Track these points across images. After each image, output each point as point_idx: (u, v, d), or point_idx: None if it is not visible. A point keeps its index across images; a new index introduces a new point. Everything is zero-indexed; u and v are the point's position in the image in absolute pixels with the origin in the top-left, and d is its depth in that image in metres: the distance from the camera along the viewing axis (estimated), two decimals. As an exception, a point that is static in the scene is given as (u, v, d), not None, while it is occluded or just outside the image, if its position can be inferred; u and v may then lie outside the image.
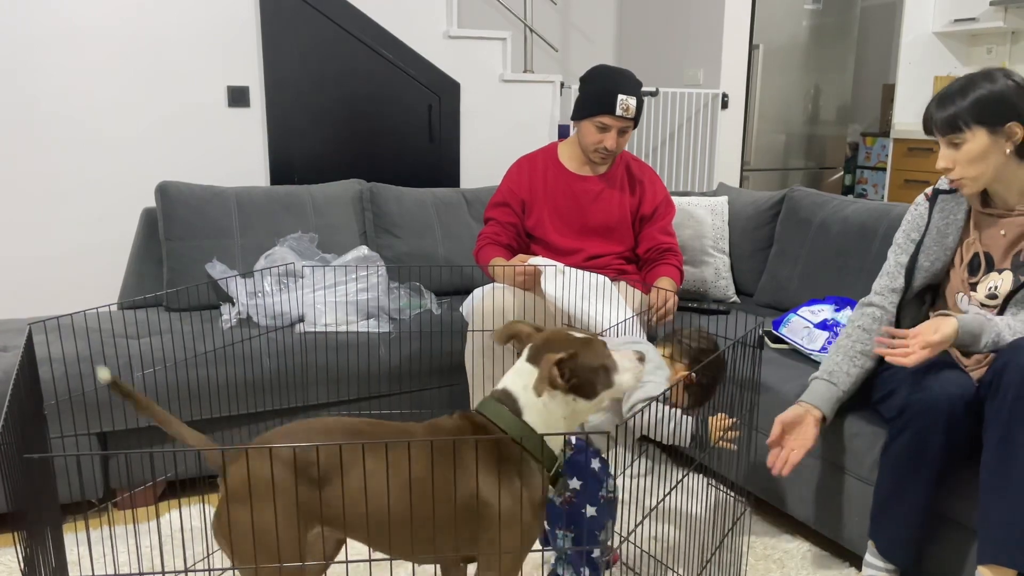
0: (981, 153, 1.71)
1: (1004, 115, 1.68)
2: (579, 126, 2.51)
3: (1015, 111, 1.68)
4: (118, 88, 3.04)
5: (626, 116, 2.42)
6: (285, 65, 3.24)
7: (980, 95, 1.69)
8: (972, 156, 1.71)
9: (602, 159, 2.53)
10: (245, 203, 2.81)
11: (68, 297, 3.08)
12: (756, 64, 4.69)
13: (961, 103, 1.70)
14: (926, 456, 1.68)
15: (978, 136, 1.70)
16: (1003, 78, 1.70)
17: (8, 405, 1.13)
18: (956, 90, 1.73)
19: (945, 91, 1.75)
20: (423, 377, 2.51)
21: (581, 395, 1.40)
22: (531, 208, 2.58)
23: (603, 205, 2.57)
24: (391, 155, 3.49)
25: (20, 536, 1.05)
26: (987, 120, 1.69)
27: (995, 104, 1.68)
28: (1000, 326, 1.67)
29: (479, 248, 2.55)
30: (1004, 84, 1.69)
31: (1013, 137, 1.69)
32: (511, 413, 1.39)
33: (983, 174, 1.73)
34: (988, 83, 1.70)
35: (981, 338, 1.65)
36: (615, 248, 2.60)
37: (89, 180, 3.06)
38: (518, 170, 2.62)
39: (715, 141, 4.53)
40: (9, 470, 1.05)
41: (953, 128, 1.72)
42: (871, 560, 1.82)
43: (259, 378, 2.30)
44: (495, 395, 1.43)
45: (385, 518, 1.31)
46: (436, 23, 3.49)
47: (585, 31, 5.16)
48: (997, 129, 1.69)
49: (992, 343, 1.66)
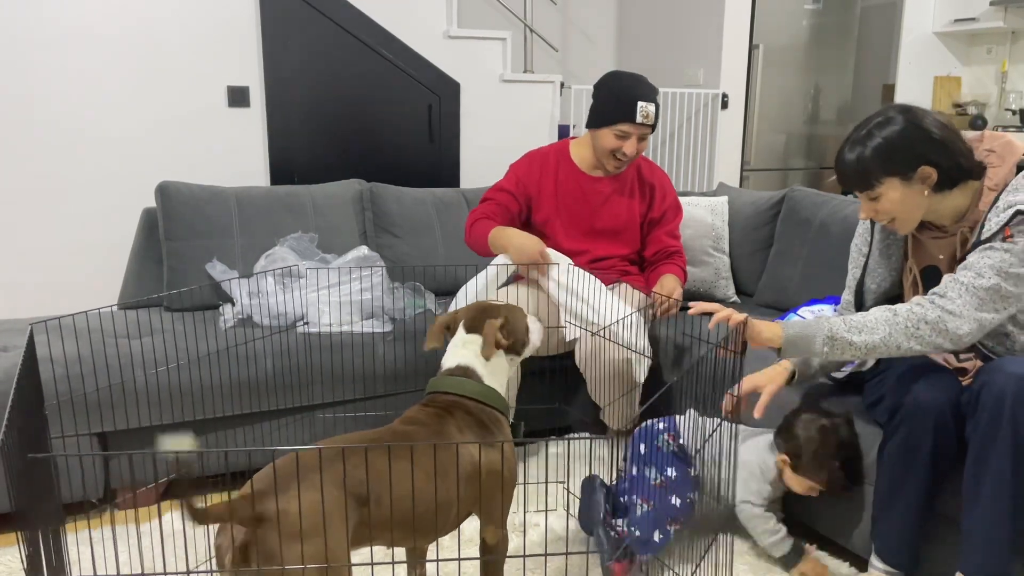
0: (900, 201, 1.65)
1: (910, 161, 1.61)
2: (596, 133, 2.48)
3: (920, 154, 1.61)
4: (118, 88, 3.04)
5: (646, 123, 2.41)
6: (285, 65, 3.24)
7: (879, 145, 1.62)
8: (894, 205, 1.66)
9: (617, 167, 2.50)
10: (245, 203, 2.81)
11: (68, 297, 3.08)
12: (756, 64, 4.69)
13: (864, 156, 1.64)
14: (918, 457, 1.69)
15: (892, 187, 1.64)
16: (901, 121, 1.62)
17: (11, 405, 1.13)
18: (859, 139, 1.66)
19: (850, 140, 1.68)
20: (423, 377, 2.51)
21: (513, 352, 1.63)
22: (539, 205, 2.55)
23: (612, 208, 2.56)
24: (391, 155, 3.49)
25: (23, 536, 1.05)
26: (895, 170, 1.62)
27: (898, 152, 1.61)
28: (833, 322, 1.66)
29: (473, 222, 2.48)
30: (898, 128, 1.61)
31: (927, 179, 1.62)
32: (475, 383, 1.55)
33: (910, 217, 1.68)
34: (883, 131, 1.63)
35: (814, 343, 1.67)
36: (621, 251, 2.60)
37: (89, 180, 3.06)
38: (528, 163, 2.59)
39: (715, 141, 4.53)
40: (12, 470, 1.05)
41: (866, 184, 1.66)
42: (875, 562, 1.82)
43: (259, 378, 2.30)
44: (450, 371, 1.58)
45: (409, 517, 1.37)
46: (436, 23, 3.50)
47: (585, 31, 5.16)
48: (909, 176, 1.62)
49: (827, 339, 1.65)
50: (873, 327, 1.64)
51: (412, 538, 1.40)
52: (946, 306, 1.59)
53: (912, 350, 1.63)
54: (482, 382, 1.56)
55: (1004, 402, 1.52)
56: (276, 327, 2.44)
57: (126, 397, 2.14)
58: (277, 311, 2.46)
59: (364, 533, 1.31)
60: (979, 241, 1.62)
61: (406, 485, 1.34)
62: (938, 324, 1.59)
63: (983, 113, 4.65)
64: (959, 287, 1.59)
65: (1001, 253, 1.57)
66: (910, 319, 1.62)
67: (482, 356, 1.57)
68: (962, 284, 1.59)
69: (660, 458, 1.93)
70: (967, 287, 1.59)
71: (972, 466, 1.59)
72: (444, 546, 1.96)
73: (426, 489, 1.36)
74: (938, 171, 1.62)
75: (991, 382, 1.55)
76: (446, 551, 1.93)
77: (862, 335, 1.64)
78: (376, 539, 1.35)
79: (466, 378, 1.56)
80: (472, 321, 1.62)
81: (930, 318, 1.60)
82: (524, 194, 2.55)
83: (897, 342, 1.63)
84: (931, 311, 1.60)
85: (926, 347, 1.62)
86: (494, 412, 1.55)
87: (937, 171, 1.62)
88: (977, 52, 4.90)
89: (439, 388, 1.56)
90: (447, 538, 1.99)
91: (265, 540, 1.18)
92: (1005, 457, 1.53)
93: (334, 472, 1.26)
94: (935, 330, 1.60)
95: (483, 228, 2.43)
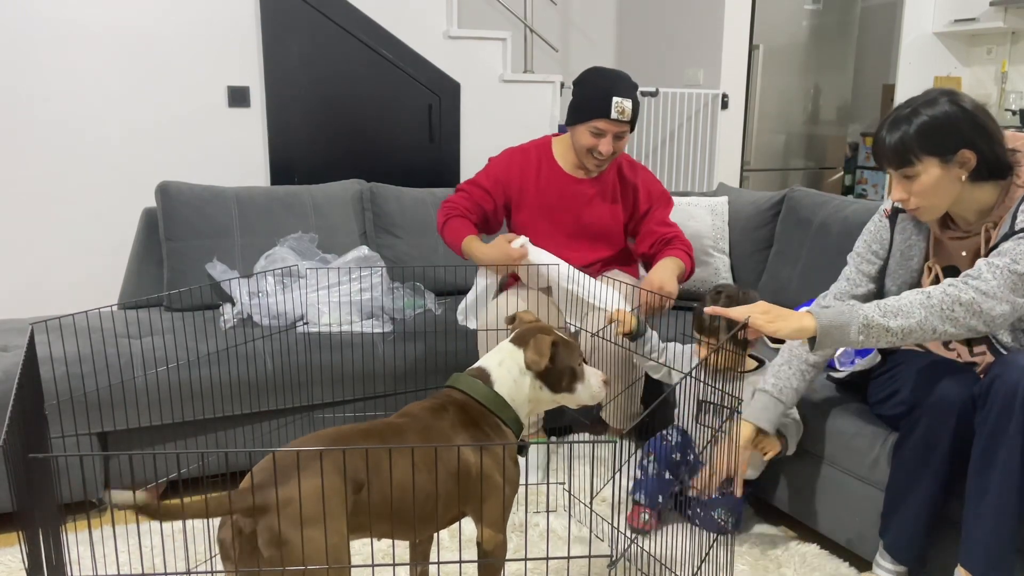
0: (935, 184, 1.63)
1: (953, 143, 1.60)
2: (573, 131, 2.40)
3: (963, 137, 1.59)
4: (118, 88, 3.04)
5: (621, 119, 2.30)
6: (285, 65, 3.24)
7: (923, 123, 1.60)
8: (927, 187, 1.64)
9: (596, 165, 2.41)
10: (245, 203, 2.81)
11: (68, 297, 3.08)
12: (756, 64, 4.70)
13: (908, 134, 1.62)
14: (936, 453, 1.68)
15: (930, 167, 1.62)
16: (946, 103, 1.61)
17: (11, 405, 1.13)
18: (902, 117, 1.64)
19: (892, 117, 1.66)
20: (423, 377, 2.51)
21: (547, 384, 1.58)
22: (520, 204, 2.47)
23: (595, 211, 2.49)
24: (391, 155, 3.49)
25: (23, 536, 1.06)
26: (936, 150, 1.60)
27: (942, 132, 1.60)
28: (866, 309, 1.62)
29: (445, 220, 2.41)
30: (946, 110, 1.60)
31: (966, 164, 1.61)
32: (484, 385, 1.55)
33: (940, 203, 1.67)
34: (930, 109, 1.61)
35: (849, 331, 1.62)
36: (603, 253, 2.53)
37: (89, 180, 3.06)
38: (508, 161, 2.50)
39: (715, 141, 4.54)
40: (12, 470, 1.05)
41: (904, 162, 1.64)
42: (880, 561, 1.82)
43: (259, 378, 2.30)
44: (471, 372, 1.59)
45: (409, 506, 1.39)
46: (436, 23, 3.50)
47: (585, 31, 5.16)
48: (948, 158, 1.61)
49: (862, 327, 1.61)
50: (909, 311, 1.60)
51: (400, 529, 1.41)
52: (980, 287, 1.57)
53: (947, 333, 1.59)
54: (492, 388, 1.56)
55: (1016, 395, 1.52)
56: (276, 327, 2.44)
57: (126, 397, 2.14)
58: (277, 311, 2.46)
59: (352, 521, 1.33)
60: (1012, 232, 1.60)
61: (395, 475, 1.36)
62: (972, 305, 1.56)
63: (983, 113, 4.65)
64: (994, 270, 1.57)
65: None
66: (944, 301, 1.58)
67: (524, 364, 1.56)
68: (997, 267, 1.57)
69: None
70: (1002, 270, 1.56)
71: (979, 459, 1.59)
72: (445, 547, 1.96)
73: (409, 480, 1.37)
74: (978, 157, 1.61)
75: (1003, 375, 1.55)
76: (447, 552, 1.93)
77: (898, 319, 1.59)
78: (362, 528, 1.36)
79: (479, 380, 1.56)
80: (520, 335, 1.61)
81: (964, 299, 1.57)
82: (502, 194, 2.46)
83: (932, 325, 1.59)
84: (965, 292, 1.57)
85: (960, 329, 1.58)
86: (496, 419, 1.55)
87: (977, 157, 1.61)
88: (977, 52, 4.90)
89: (454, 384, 1.58)
90: (448, 539, 1.99)
91: (269, 528, 1.21)
92: (1014, 451, 1.53)
93: (330, 461, 1.29)
94: (969, 311, 1.57)
95: (455, 233, 2.36)
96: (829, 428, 1.97)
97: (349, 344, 2.41)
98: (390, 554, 1.95)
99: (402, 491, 1.37)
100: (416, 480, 1.38)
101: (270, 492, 1.22)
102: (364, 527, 1.37)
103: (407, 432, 1.44)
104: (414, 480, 1.37)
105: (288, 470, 1.26)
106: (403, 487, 1.37)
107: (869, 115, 5.72)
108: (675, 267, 2.37)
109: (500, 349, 1.61)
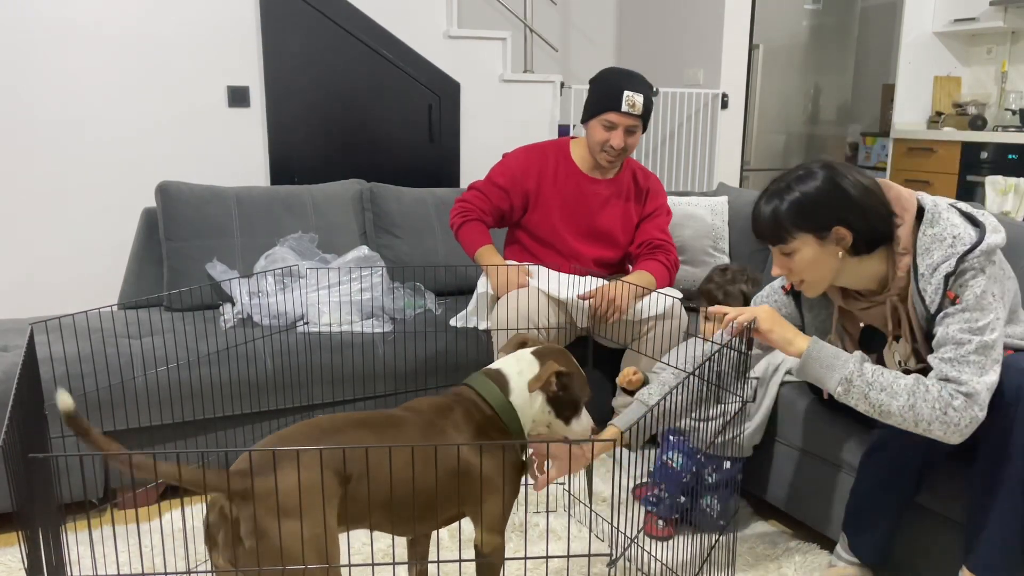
0: (813, 260, 1.58)
1: (825, 220, 1.55)
2: (587, 128, 2.45)
3: (836, 215, 1.54)
4: (119, 88, 3.04)
5: (632, 112, 2.34)
6: (285, 65, 3.24)
7: (795, 200, 1.56)
8: (805, 263, 1.59)
9: (609, 161, 2.44)
10: (245, 203, 2.81)
11: (68, 297, 3.08)
12: (756, 64, 4.70)
13: (780, 210, 1.58)
14: (905, 472, 1.71)
15: (805, 243, 1.58)
16: (821, 178, 1.56)
17: (11, 405, 1.13)
18: (776, 192, 1.60)
19: (768, 191, 1.62)
20: (423, 377, 2.51)
21: (555, 409, 1.55)
22: (536, 203, 2.49)
23: (610, 211, 2.53)
24: (391, 155, 3.49)
25: (23, 536, 1.05)
26: (809, 227, 1.56)
27: (814, 209, 1.55)
28: (864, 369, 1.55)
29: (461, 223, 2.44)
30: (818, 185, 1.55)
31: (842, 241, 1.56)
32: (499, 391, 1.51)
33: (822, 278, 1.62)
34: (803, 185, 1.56)
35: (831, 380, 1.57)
36: (616, 254, 2.58)
37: (89, 180, 3.06)
38: (526, 157, 2.52)
39: (715, 141, 4.54)
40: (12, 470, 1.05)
41: (778, 238, 1.60)
42: (840, 552, 1.86)
43: (259, 378, 2.30)
44: (488, 373, 1.55)
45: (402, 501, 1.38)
46: (436, 23, 3.50)
47: (585, 31, 5.16)
48: (823, 235, 1.56)
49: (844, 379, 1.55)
50: (897, 391, 1.53)
51: (391, 523, 1.40)
52: (961, 389, 1.49)
53: (931, 433, 1.50)
54: (507, 394, 1.53)
55: (1019, 397, 1.51)
56: (276, 327, 2.44)
57: (126, 397, 2.14)
58: (277, 311, 2.47)
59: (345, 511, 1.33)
60: (931, 317, 1.56)
61: (386, 468, 1.35)
62: (966, 409, 1.48)
63: (983, 113, 4.65)
64: (955, 366, 1.50)
65: (960, 315, 1.50)
66: (939, 401, 1.49)
67: (528, 386, 1.53)
68: (952, 361, 1.50)
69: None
70: (959, 361, 1.49)
71: (983, 462, 1.58)
72: (444, 547, 1.96)
73: (406, 475, 1.37)
74: (853, 234, 1.56)
75: (1004, 379, 1.54)
76: (447, 552, 1.93)
77: (881, 394, 1.53)
78: (357, 519, 1.36)
79: (495, 384, 1.53)
80: (542, 352, 1.59)
81: (957, 404, 1.48)
82: (520, 191, 2.49)
83: (918, 416, 1.50)
84: (957, 399, 1.49)
85: (949, 433, 1.49)
86: (502, 427, 1.53)
87: (852, 234, 1.56)
88: (977, 52, 4.90)
89: (470, 383, 1.56)
90: (448, 539, 1.99)
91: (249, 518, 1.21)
92: (1018, 454, 1.52)
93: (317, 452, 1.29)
94: (962, 415, 1.48)
95: (470, 237, 2.40)
96: (830, 428, 1.97)
97: (349, 344, 2.41)
98: (390, 554, 1.95)
99: (397, 485, 1.37)
100: (411, 476, 1.37)
101: (253, 481, 1.23)
102: (357, 519, 1.36)
103: (405, 426, 1.43)
104: (414, 475, 1.37)
105: (271, 461, 1.25)
106: (398, 481, 1.37)
107: (869, 115, 5.72)
108: (643, 283, 2.37)
109: (520, 359, 1.57)
